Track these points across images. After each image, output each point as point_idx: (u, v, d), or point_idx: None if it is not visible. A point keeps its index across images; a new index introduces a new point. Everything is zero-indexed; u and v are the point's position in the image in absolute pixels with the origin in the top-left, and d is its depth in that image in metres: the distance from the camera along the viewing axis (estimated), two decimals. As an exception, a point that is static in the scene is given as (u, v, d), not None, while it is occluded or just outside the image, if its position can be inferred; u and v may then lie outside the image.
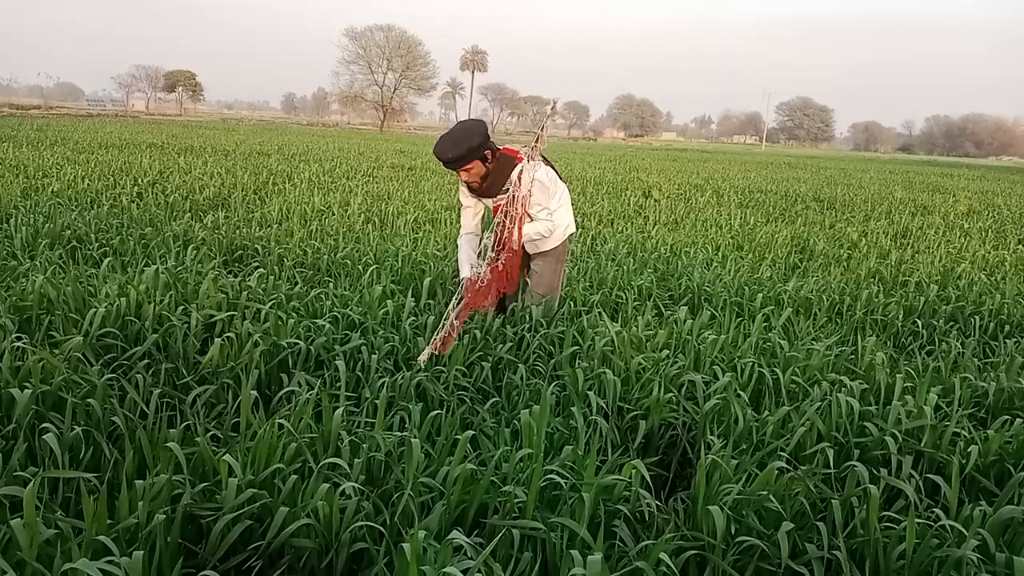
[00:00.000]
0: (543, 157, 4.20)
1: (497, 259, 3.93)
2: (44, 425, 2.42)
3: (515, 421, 2.92)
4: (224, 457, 2.17)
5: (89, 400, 2.61)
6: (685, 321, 4.08)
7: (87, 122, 36.31)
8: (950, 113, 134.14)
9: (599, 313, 4.24)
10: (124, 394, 2.84)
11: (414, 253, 5.74)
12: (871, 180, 23.02)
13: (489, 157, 3.91)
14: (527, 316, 4.00)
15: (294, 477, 2.15)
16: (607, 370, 3.20)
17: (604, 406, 3.04)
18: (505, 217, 3.91)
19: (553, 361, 3.58)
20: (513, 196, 3.88)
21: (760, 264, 6.72)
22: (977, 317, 4.96)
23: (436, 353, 3.48)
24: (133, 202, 8.05)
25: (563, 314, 4.31)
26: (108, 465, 2.39)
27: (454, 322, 3.66)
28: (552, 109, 4.06)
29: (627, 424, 3.05)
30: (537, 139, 3.93)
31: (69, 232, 5.76)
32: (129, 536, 1.90)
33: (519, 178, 3.91)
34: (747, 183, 17.77)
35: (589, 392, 3.07)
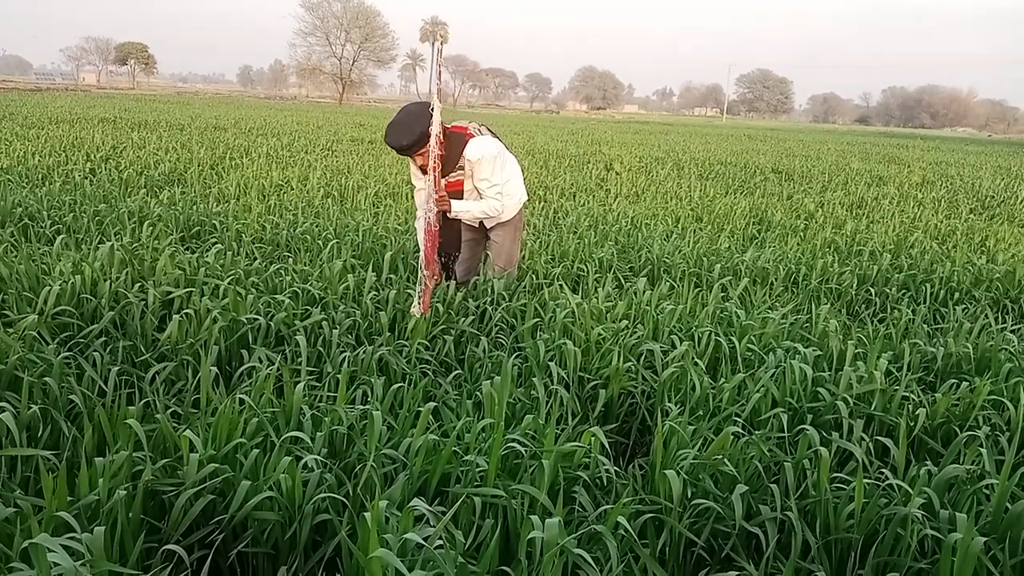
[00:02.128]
0: (488, 129, 4.21)
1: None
2: (0, 404, 2.39)
3: (477, 392, 2.95)
4: (185, 433, 2.16)
5: (46, 379, 2.58)
6: (644, 292, 4.14)
7: (36, 96, 35.29)
8: (906, 85, 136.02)
9: (560, 286, 4.27)
10: (81, 372, 2.82)
11: (375, 227, 5.72)
12: (829, 151, 23.34)
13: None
14: (489, 289, 4.02)
15: (256, 451, 2.16)
16: (568, 341, 3.24)
17: (565, 376, 3.08)
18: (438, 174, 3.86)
19: (515, 333, 3.61)
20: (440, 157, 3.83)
21: (719, 235, 6.81)
22: (928, 285, 5.09)
23: (424, 314, 3.60)
24: (86, 178, 7.88)
25: (525, 287, 4.34)
26: (67, 443, 2.37)
27: (426, 282, 3.71)
28: (440, 42, 3.98)
29: (587, 393, 3.10)
30: (439, 74, 3.88)
31: (20, 209, 5.63)
32: (90, 513, 1.90)
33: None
34: (707, 155, 17.91)
35: (550, 363, 3.11)
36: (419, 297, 3.71)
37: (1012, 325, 4.38)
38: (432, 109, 3.75)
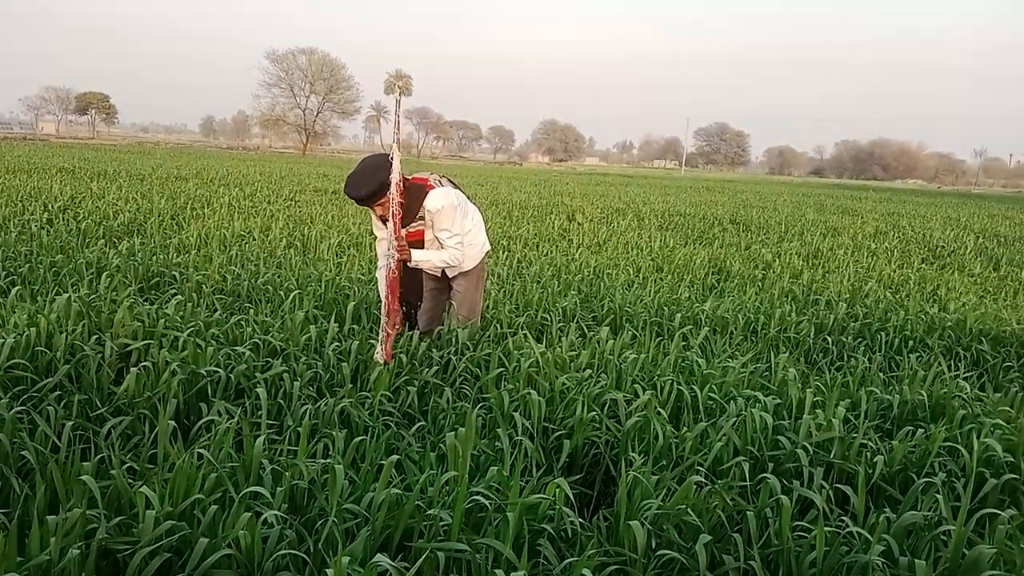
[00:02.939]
0: (450, 180, 4.26)
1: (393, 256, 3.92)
2: (-53, 462, 2.32)
3: (441, 444, 2.93)
4: (141, 489, 2.12)
5: (-4, 434, 2.51)
6: (607, 341, 4.17)
7: (-8, 145, 34.82)
8: (859, 138, 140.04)
9: (524, 335, 4.29)
10: (35, 427, 2.75)
11: (338, 278, 5.70)
12: (785, 203, 23.87)
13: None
14: (453, 339, 4.02)
15: (214, 507, 2.12)
16: (532, 391, 3.24)
17: (529, 427, 3.08)
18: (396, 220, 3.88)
19: (479, 384, 3.61)
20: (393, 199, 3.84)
21: (679, 285, 6.91)
22: (883, 333, 5.21)
23: (387, 362, 3.59)
24: (43, 228, 7.77)
25: (489, 336, 4.35)
26: (18, 501, 2.30)
27: (387, 329, 3.72)
28: (400, 93, 4.05)
29: (552, 444, 3.09)
30: (397, 124, 3.91)
31: (-27, 260, 5.52)
32: (41, 573, 1.84)
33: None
34: (667, 207, 18.21)
35: (515, 413, 3.11)
36: (382, 344, 3.71)
37: (964, 372, 4.48)
38: (392, 158, 3.79)
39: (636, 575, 2.13)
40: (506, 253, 8.27)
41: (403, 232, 3.93)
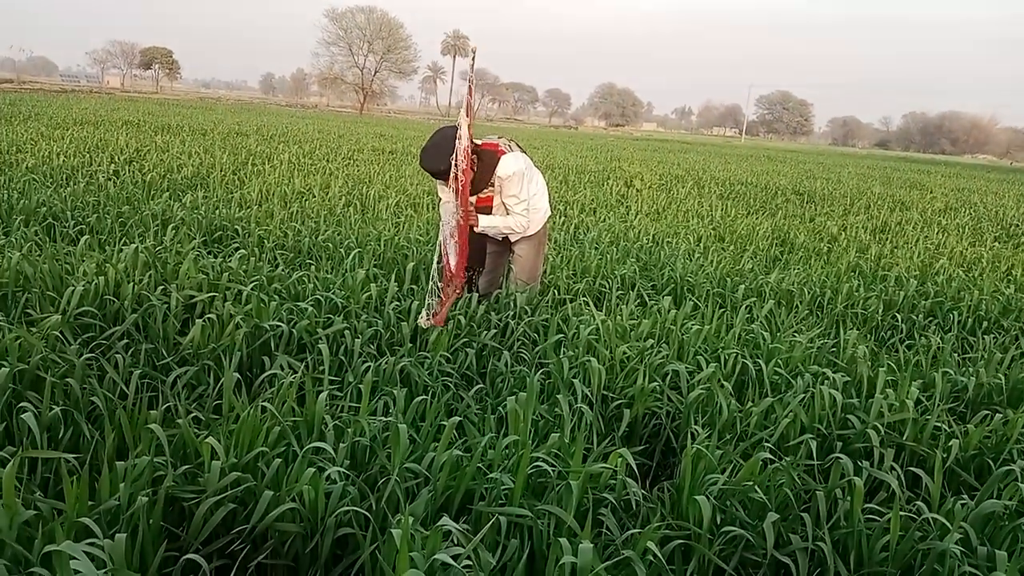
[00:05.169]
0: (517, 145, 4.18)
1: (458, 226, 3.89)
2: (22, 404, 2.37)
3: (500, 408, 2.91)
4: (207, 439, 2.13)
5: (68, 379, 2.56)
6: (669, 311, 4.08)
7: (61, 97, 35.68)
8: (927, 110, 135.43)
9: (584, 302, 4.23)
10: (103, 374, 2.80)
11: (396, 237, 5.69)
12: (849, 175, 23.20)
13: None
14: (511, 303, 3.98)
15: (278, 461, 2.12)
16: (592, 358, 3.19)
17: (589, 394, 3.03)
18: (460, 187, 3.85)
19: (538, 349, 3.57)
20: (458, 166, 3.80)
21: (742, 256, 6.75)
22: (955, 312, 5.01)
23: (434, 324, 3.53)
24: (110, 180, 7.92)
25: (547, 302, 4.30)
26: (88, 446, 2.35)
27: (447, 291, 3.71)
28: (473, 54, 3.97)
29: (611, 412, 3.05)
30: (469, 90, 3.87)
31: (45, 209, 5.65)
32: (111, 518, 1.87)
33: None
34: (728, 175, 17.84)
35: (574, 380, 3.06)
36: (430, 309, 3.65)
37: (1043, 356, 4.29)
38: (460, 125, 3.74)
39: (701, 550, 2.08)
40: (563, 218, 8.18)
41: (472, 199, 3.87)
